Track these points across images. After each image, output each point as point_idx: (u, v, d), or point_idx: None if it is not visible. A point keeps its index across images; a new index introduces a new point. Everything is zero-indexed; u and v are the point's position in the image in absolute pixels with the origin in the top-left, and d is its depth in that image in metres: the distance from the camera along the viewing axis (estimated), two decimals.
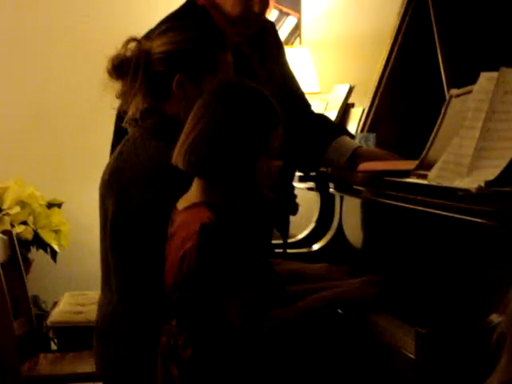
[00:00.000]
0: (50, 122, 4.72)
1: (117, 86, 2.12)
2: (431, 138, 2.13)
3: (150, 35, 2.23)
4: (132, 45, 2.11)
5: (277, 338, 1.84)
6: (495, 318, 1.56)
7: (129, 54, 2.10)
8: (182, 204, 1.93)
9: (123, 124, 2.15)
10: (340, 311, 1.93)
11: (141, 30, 2.29)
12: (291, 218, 2.64)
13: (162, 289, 1.92)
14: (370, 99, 2.89)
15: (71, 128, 4.72)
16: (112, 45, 2.13)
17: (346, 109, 3.39)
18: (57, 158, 4.73)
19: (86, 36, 4.66)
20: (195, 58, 2.10)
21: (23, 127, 4.69)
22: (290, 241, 2.66)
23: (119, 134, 2.42)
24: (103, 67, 2.12)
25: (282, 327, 1.84)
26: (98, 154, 2.23)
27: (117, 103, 2.18)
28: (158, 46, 2.10)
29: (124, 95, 2.11)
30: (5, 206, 4.27)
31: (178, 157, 1.89)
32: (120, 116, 2.25)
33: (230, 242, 1.81)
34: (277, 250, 2.54)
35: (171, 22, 2.30)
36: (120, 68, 2.09)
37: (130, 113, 2.12)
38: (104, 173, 2.16)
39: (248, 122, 1.87)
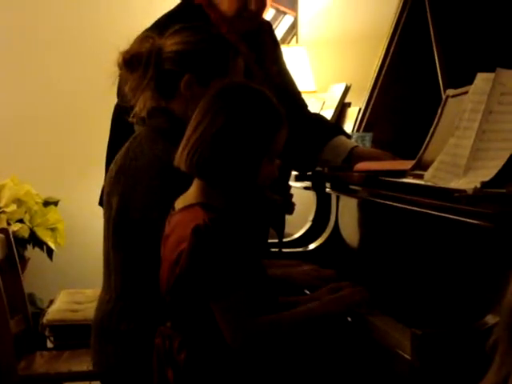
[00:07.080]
0: (46, 120, 4.71)
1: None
2: (427, 138, 2.13)
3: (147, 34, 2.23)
4: (145, 40, 2.12)
5: (263, 344, 1.80)
6: (491, 319, 1.56)
7: (141, 49, 2.10)
8: (179, 205, 1.92)
9: (129, 118, 2.14)
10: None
11: (137, 31, 2.29)
12: (287, 217, 2.64)
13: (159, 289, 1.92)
14: (366, 99, 2.89)
15: (68, 126, 4.72)
16: (107, 45, 2.13)
17: (342, 108, 3.39)
18: (53, 155, 4.72)
19: (82, 36, 4.65)
20: (205, 60, 2.11)
21: (20, 125, 4.69)
22: (285, 240, 2.66)
23: (117, 130, 2.42)
24: (98, 66, 2.11)
25: (269, 335, 1.80)
26: (95, 151, 2.23)
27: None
28: (170, 45, 2.11)
29: (133, 90, 2.11)
30: (1, 204, 4.27)
31: (180, 158, 1.87)
32: (118, 112, 2.24)
33: (223, 244, 1.77)
34: (272, 249, 2.54)
35: (168, 22, 2.30)
36: (131, 62, 2.10)
37: (136, 108, 2.12)
38: (111, 169, 2.16)
39: (252, 124, 1.84)
